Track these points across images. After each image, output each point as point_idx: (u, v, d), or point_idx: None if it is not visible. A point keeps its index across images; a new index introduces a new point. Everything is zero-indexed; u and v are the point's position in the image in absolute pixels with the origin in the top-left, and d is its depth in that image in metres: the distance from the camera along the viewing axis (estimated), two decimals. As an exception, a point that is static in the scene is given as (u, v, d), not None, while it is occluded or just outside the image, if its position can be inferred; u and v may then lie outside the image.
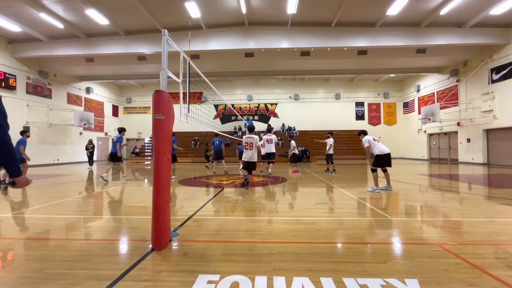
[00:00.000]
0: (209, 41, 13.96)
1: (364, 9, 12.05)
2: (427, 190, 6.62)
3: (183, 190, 6.73)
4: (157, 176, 2.80)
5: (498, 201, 5.09)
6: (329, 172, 10.49)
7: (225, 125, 24.25)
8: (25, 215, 4.24)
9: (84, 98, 20.67)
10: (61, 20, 12.51)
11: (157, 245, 2.70)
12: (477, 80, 15.47)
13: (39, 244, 2.95)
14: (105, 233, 3.38)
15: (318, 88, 24.35)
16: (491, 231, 3.25)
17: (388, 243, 2.94)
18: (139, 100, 25.16)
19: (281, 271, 2.22)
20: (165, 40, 3.00)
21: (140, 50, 14.39)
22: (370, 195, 5.74)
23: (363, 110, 24.09)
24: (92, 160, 15.52)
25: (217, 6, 11.97)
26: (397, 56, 15.25)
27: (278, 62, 16.61)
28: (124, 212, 4.52)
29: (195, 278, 2.09)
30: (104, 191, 6.76)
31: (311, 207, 4.69)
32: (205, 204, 4.92)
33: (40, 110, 16.50)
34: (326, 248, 2.76)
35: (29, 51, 14.82)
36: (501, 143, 14.31)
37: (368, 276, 2.11)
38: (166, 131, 2.89)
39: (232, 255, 2.59)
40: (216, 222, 3.80)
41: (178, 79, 3.56)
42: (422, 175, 9.99)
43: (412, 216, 4.12)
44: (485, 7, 11.68)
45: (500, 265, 2.32)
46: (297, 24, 13.46)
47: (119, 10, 12.00)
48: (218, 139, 11.12)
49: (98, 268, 2.30)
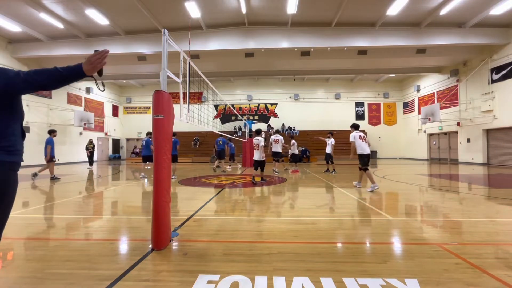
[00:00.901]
0: (209, 41, 13.96)
1: (364, 9, 12.05)
2: (427, 190, 6.62)
3: (183, 190, 6.73)
4: (157, 176, 2.80)
5: (498, 201, 5.09)
6: (329, 172, 10.49)
7: (225, 125, 24.24)
8: (25, 215, 4.24)
9: (84, 98, 20.68)
10: (61, 20, 12.51)
11: (157, 245, 2.70)
12: (477, 80, 15.47)
13: (39, 244, 2.95)
14: (105, 233, 3.38)
15: (318, 88, 24.35)
16: (491, 231, 3.25)
17: (388, 243, 2.94)
18: (139, 100, 25.16)
19: (281, 271, 2.22)
20: (165, 40, 3.00)
21: (140, 50, 14.39)
22: (370, 195, 5.73)
23: (363, 110, 24.09)
24: (92, 160, 15.51)
25: (217, 6, 11.97)
26: (397, 56, 15.25)
27: (278, 62, 16.61)
28: (124, 212, 4.52)
29: (195, 278, 2.09)
30: (104, 191, 6.76)
31: (311, 207, 4.69)
32: (205, 204, 4.92)
33: (40, 110, 16.51)
34: (326, 248, 2.76)
35: (29, 51, 14.83)
36: (501, 143, 14.31)
37: (368, 276, 2.11)
38: (166, 131, 2.89)
39: (232, 255, 2.59)
40: (216, 222, 3.80)
41: (178, 79, 3.55)
42: (422, 175, 9.99)
43: (412, 216, 4.12)
44: (485, 7, 11.68)
45: (500, 265, 2.32)
46: (297, 24, 13.46)
47: (119, 10, 12.00)
48: (221, 139, 11.22)
49: (98, 268, 2.30)
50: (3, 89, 1.37)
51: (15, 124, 1.47)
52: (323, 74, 20.29)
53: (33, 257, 2.57)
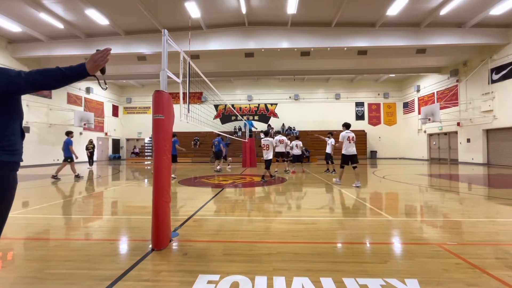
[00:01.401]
0: (209, 41, 13.96)
1: (364, 9, 12.04)
2: (427, 190, 6.62)
3: (183, 190, 6.73)
4: (157, 176, 2.81)
5: (498, 201, 5.09)
6: (329, 172, 10.49)
7: (225, 125, 24.24)
8: (25, 215, 4.24)
9: (84, 98, 20.68)
10: (61, 20, 12.51)
11: (157, 245, 2.70)
12: (477, 80, 15.47)
13: (39, 244, 2.95)
14: (105, 233, 3.38)
15: (318, 88, 24.35)
16: (491, 231, 3.25)
17: (388, 243, 2.94)
18: (139, 100, 25.15)
19: (281, 271, 2.22)
20: (165, 40, 3.00)
21: (140, 50, 14.39)
22: (370, 195, 5.74)
23: (363, 110, 24.09)
24: (92, 160, 15.51)
25: (217, 6, 11.97)
26: (397, 56, 15.24)
27: (278, 62, 16.61)
28: (124, 212, 4.52)
29: (195, 278, 2.09)
30: (104, 191, 6.76)
31: (311, 207, 4.69)
32: (205, 204, 4.92)
33: (40, 110, 16.50)
34: (326, 248, 2.76)
35: (29, 51, 14.83)
36: (501, 143, 14.31)
37: (368, 276, 2.11)
38: (166, 131, 2.89)
39: (232, 255, 2.59)
40: (216, 222, 3.80)
41: (178, 79, 3.55)
42: (422, 175, 9.99)
43: (412, 216, 4.12)
44: (485, 7, 11.68)
45: (500, 265, 2.32)
46: (297, 24, 13.46)
47: (119, 10, 12.00)
48: (217, 140, 11.25)
49: (98, 268, 2.30)
50: (4, 89, 1.37)
51: (14, 124, 1.47)
52: (323, 74, 20.29)
53: (33, 257, 2.57)
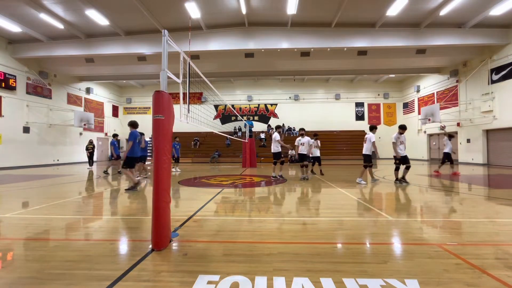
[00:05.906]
0: (209, 41, 13.96)
1: (364, 9, 12.05)
2: (427, 190, 6.62)
3: (183, 190, 6.73)
4: (157, 176, 2.81)
5: (498, 202, 5.09)
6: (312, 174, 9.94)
7: (225, 125, 24.25)
8: (25, 215, 4.24)
9: (84, 98, 20.67)
10: (61, 20, 12.51)
11: (157, 245, 2.70)
12: (477, 80, 15.47)
13: (39, 245, 2.94)
14: (105, 233, 3.38)
15: (318, 89, 24.35)
16: (491, 232, 3.25)
17: (388, 244, 2.94)
18: (139, 100, 25.15)
19: (281, 271, 2.22)
20: (165, 41, 3.01)
21: (140, 50, 14.39)
22: (370, 195, 5.74)
23: (363, 111, 24.09)
24: (92, 161, 15.48)
25: (217, 7, 11.97)
26: (397, 57, 15.25)
27: (278, 63, 16.62)
28: (124, 212, 4.51)
29: (195, 279, 2.09)
30: (104, 191, 6.76)
31: (311, 207, 4.69)
32: (205, 205, 4.91)
33: (40, 110, 16.49)
34: (326, 248, 2.76)
35: (29, 52, 14.82)
36: (501, 144, 14.31)
37: (368, 277, 2.11)
38: (166, 132, 2.89)
39: (232, 255, 2.59)
40: (216, 223, 3.80)
41: (178, 80, 3.56)
42: (422, 175, 9.99)
43: (412, 216, 4.11)
44: (485, 8, 11.68)
45: (500, 265, 2.32)
46: (297, 25, 13.46)
47: (119, 11, 12.00)
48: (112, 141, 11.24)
49: (98, 269, 2.30)
50: None
51: None
52: (323, 74, 20.29)
53: (33, 258, 2.57)
